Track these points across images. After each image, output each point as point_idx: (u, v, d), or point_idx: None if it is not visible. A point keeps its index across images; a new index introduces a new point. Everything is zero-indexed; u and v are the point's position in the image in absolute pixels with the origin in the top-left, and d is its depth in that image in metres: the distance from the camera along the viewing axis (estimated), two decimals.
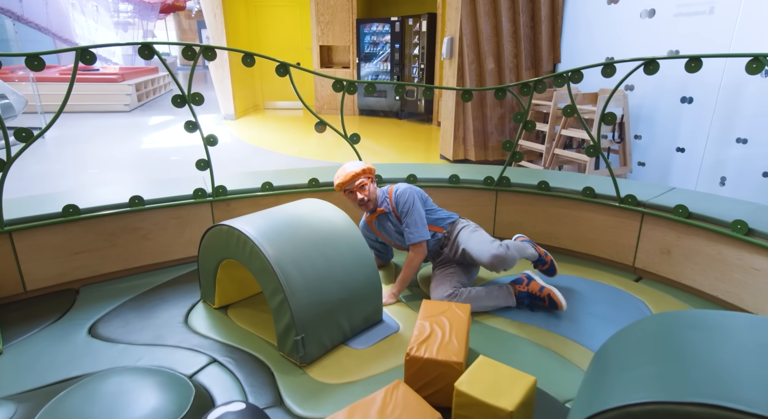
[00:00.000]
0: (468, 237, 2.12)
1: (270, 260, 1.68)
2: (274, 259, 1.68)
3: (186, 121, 2.34)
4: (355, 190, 2.15)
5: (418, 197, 2.17)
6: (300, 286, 1.69)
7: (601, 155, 2.34)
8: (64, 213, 2.15)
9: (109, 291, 2.23)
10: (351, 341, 1.86)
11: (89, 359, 1.73)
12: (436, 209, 2.27)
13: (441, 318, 1.66)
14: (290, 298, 1.65)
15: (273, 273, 1.67)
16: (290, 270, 1.69)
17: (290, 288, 1.66)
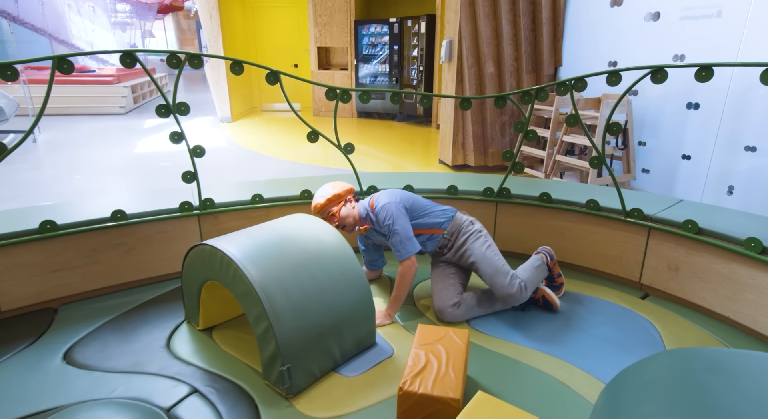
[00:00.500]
0: (482, 256, 2.04)
1: (254, 284, 1.57)
2: (258, 283, 1.58)
3: (171, 132, 2.23)
4: (327, 218, 2.09)
5: (399, 210, 2.03)
6: (286, 312, 1.58)
7: (606, 167, 2.23)
8: (41, 229, 2.04)
9: (90, 311, 2.12)
10: (342, 368, 1.75)
11: (62, 390, 1.62)
12: (429, 210, 2.14)
13: (437, 347, 1.55)
14: (275, 326, 1.54)
15: (257, 298, 1.56)
16: (276, 295, 1.58)
17: (275, 315, 1.55)
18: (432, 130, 7.63)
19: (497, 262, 2.03)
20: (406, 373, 1.43)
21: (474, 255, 2.05)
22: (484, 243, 2.08)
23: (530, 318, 2.08)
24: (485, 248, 2.06)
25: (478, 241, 2.08)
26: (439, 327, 1.66)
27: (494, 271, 2.00)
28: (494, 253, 2.05)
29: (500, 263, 2.03)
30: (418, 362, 1.48)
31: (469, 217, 2.18)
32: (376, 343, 1.90)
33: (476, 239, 2.09)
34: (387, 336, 1.95)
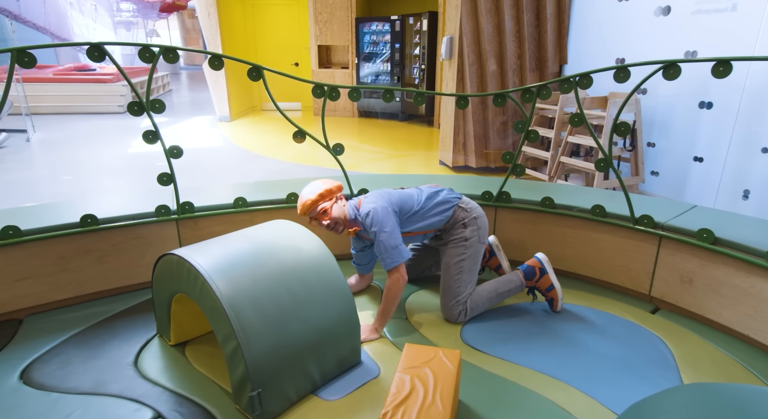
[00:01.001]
0: (446, 266, 2.01)
1: (222, 300, 1.42)
2: (227, 299, 1.42)
3: (144, 131, 2.08)
4: (317, 217, 1.91)
5: (387, 215, 1.85)
6: (258, 331, 1.42)
7: (613, 169, 2.06)
8: (2, 235, 1.90)
9: (56, 323, 1.98)
10: (322, 390, 1.60)
11: (12, 414, 1.48)
12: (424, 210, 1.98)
13: (424, 371, 1.39)
14: (244, 346, 1.39)
15: (225, 315, 1.40)
16: (246, 312, 1.43)
17: (245, 334, 1.40)
18: (434, 130, 7.46)
19: (453, 281, 1.97)
20: (388, 402, 1.28)
21: (442, 260, 2.03)
22: (461, 254, 1.98)
23: (528, 333, 1.92)
24: (456, 260, 1.98)
25: (456, 249, 1.99)
26: (428, 348, 1.50)
27: (446, 287, 1.98)
28: (459, 270, 1.97)
29: (457, 284, 1.96)
30: (402, 389, 1.32)
31: (469, 214, 2.01)
32: (361, 362, 1.74)
33: (456, 246, 1.99)
34: (374, 354, 1.79)
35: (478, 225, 2.00)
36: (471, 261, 1.97)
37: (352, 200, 2.02)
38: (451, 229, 2.01)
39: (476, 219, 2.00)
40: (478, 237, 2.00)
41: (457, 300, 1.93)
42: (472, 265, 1.97)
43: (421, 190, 2.04)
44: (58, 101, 8.75)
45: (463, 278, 1.94)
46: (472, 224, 1.99)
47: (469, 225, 1.99)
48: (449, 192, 2.06)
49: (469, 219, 2.00)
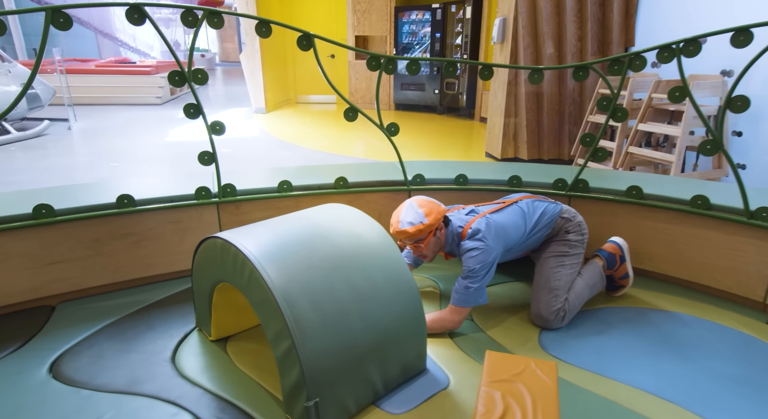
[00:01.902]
0: (547, 262, 1.77)
1: (274, 291, 1.20)
2: (280, 290, 1.21)
3: (186, 105, 1.90)
4: (411, 245, 1.70)
5: (494, 260, 1.64)
6: (315, 329, 1.20)
7: (725, 155, 1.74)
8: (35, 214, 1.75)
9: (90, 311, 1.82)
10: (384, 401, 1.36)
11: (37, 412, 1.31)
12: (528, 236, 1.78)
13: (517, 386, 1.13)
14: (300, 347, 1.17)
15: (277, 309, 1.19)
16: (302, 307, 1.21)
17: (300, 333, 1.18)
18: (475, 124, 7.14)
19: (552, 273, 1.73)
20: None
21: (539, 258, 1.81)
22: (563, 252, 1.77)
23: (621, 342, 1.63)
24: (556, 254, 1.77)
25: (557, 246, 1.79)
26: (516, 357, 1.25)
27: (543, 281, 1.74)
28: (559, 264, 1.76)
29: (556, 276, 1.73)
30: (493, 408, 1.07)
31: (572, 221, 1.82)
32: (426, 370, 1.50)
33: (558, 244, 1.79)
34: (440, 361, 1.55)
35: (582, 231, 1.81)
36: (574, 260, 1.76)
37: (453, 220, 1.75)
38: (552, 238, 1.83)
39: (580, 225, 1.82)
40: (582, 240, 1.81)
41: (556, 295, 1.69)
42: (574, 265, 1.76)
43: (525, 214, 1.79)
44: (99, 92, 8.88)
45: (564, 272, 1.72)
46: (575, 229, 1.80)
47: (572, 230, 1.80)
48: (549, 204, 1.86)
49: (572, 224, 1.81)
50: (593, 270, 1.84)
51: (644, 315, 1.79)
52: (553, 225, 1.80)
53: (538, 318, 1.70)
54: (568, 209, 1.84)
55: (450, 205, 1.93)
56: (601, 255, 1.89)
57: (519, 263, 2.12)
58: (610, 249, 1.89)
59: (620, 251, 1.88)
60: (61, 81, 6.80)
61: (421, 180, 2.26)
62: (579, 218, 1.83)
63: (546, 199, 1.89)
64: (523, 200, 1.86)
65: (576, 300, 1.73)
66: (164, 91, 9.34)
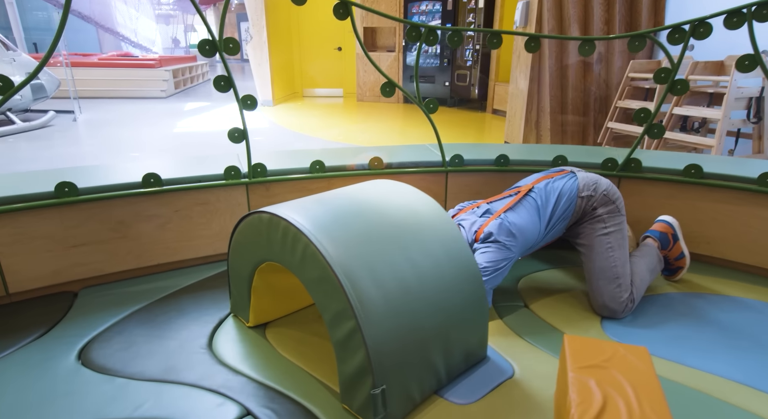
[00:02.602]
0: (596, 245, 1.60)
1: (334, 267, 1.08)
2: (340, 266, 1.09)
3: (216, 78, 1.78)
4: None
5: (509, 256, 1.52)
6: (380, 310, 1.08)
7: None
8: (57, 192, 1.63)
9: (115, 297, 1.71)
10: (447, 390, 1.25)
11: (70, 401, 1.19)
12: (546, 232, 1.63)
13: (612, 373, 1.01)
14: (365, 328, 1.05)
15: (338, 287, 1.07)
16: (365, 284, 1.09)
17: (365, 313, 1.06)
18: (487, 116, 7.02)
19: (605, 259, 1.57)
20: (577, 415, 0.91)
21: (581, 243, 1.64)
22: (602, 229, 1.60)
23: (694, 328, 1.51)
24: (599, 234, 1.60)
25: (593, 225, 1.61)
26: (602, 342, 1.12)
27: (599, 270, 1.58)
28: (608, 246, 1.58)
29: (612, 262, 1.57)
30: (590, 396, 0.95)
31: (595, 194, 1.61)
32: (488, 358, 1.38)
33: (592, 223, 1.62)
34: (500, 349, 1.43)
35: (611, 199, 1.61)
36: (618, 235, 1.58)
37: (467, 224, 1.61)
38: (580, 221, 1.66)
39: (606, 194, 1.61)
40: (617, 207, 1.61)
41: (619, 283, 1.53)
42: (620, 240, 1.58)
43: (538, 207, 1.62)
44: (103, 85, 8.74)
45: (616, 255, 1.56)
46: (602, 201, 1.61)
47: (598, 205, 1.61)
48: (566, 182, 1.65)
49: (596, 199, 1.61)
50: (650, 253, 1.72)
51: (711, 301, 1.67)
52: (573, 211, 1.62)
53: (604, 309, 1.56)
54: (586, 182, 1.63)
55: (463, 203, 1.77)
56: (653, 236, 1.78)
57: (562, 246, 2.01)
58: (660, 229, 1.78)
59: (672, 229, 1.77)
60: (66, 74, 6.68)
61: (459, 160, 2.14)
62: (602, 187, 1.61)
63: (561, 174, 1.71)
64: (536, 185, 1.68)
65: (641, 286, 1.61)
66: (168, 84, 9.21)
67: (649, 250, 1.72)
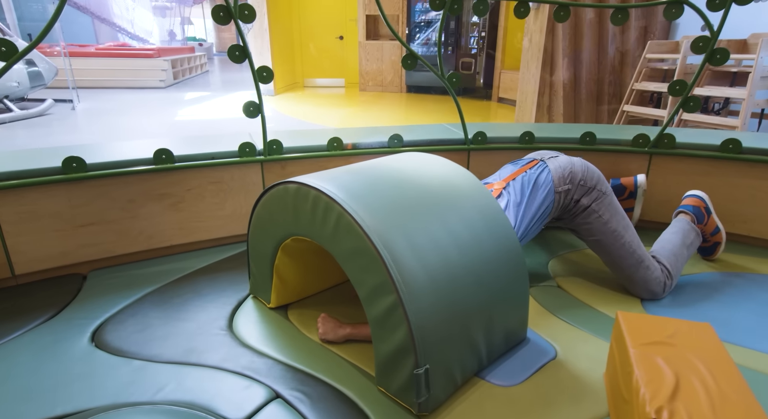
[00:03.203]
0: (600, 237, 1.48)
1: (372, 237, 1.00)
2: (378, 236, 1.00)
3: (231, 47, 1.68)
4: None
5: None
6: (422, 283, 1.00)
7: None
8: (65, 168, 1.54)
9: (127, 279, 1.62)
10: (488, 372, 1.17)
11: (87, 384, 1.11)
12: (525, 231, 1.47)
13: (679, 350, 0.93)
14: (408, 304, 0.97)
15: (377, 259, 0.99)
16: (405, 255, 1.01)
17: (407, 287, 0.98)
18: (492, 104, 6.92)
19: (618, 248, 1.46)
20: (649, 394, 0.83)
21: (582, 238, 1.52)
22: (597, 219, 1.46)
23: (745, 308, 1.43)
24: (597, 226, 1.46)
25: (586, 219, 1.47)
26: (661, 319, 1.05)
27: (619, 258, 1.47)
28: (613, 235, 1.46)
29: (628, 249, 1.46)
30: (659, 374, 0.87)
31: (571, 184, 1.46)
32: (528, 339, 1.30)
33: (584, 218, 1.47)
34: (538, 329, 1.35)
35: (589, 185, 1.46)
36: (618, 217, 1.46)
37: None
38: (564, 217, 1.54)
39: (583, 183, 1.46)
40: (599, 191, 1.47)
41: (647, 265, 1.44)
42: (622, 221, 1.46)
43: (513, 209, 1.45)
44: (101, 75, 8.59)
45: (627, 237, 1.45)
46: (581, 191, 1.46)
47: (578, 195, 1.47)
48: (540, 174, 1.49)
49: (574, 189, 1.47)
50: (685, 228, 1.63)
51: (751, 280, 1.60)
52: (552, 209, 1.47)
53: (645, 293, 1.47)
54: (560, 174, 1.47)
55: None
56: (686, 210, 1.69)
57: None
58: (693, 203, 1.70)
59: (703, 203, 1.69)
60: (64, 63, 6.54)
61: (482, 138, 2.05)
62: (578, 176, 1.46)
63: (531, 165, 1.54)
64: (510, 182, 1.51)
65: (677, 263, 1.53)
66: (167, 74, 9.05)
67: (683, 225, 1.64)
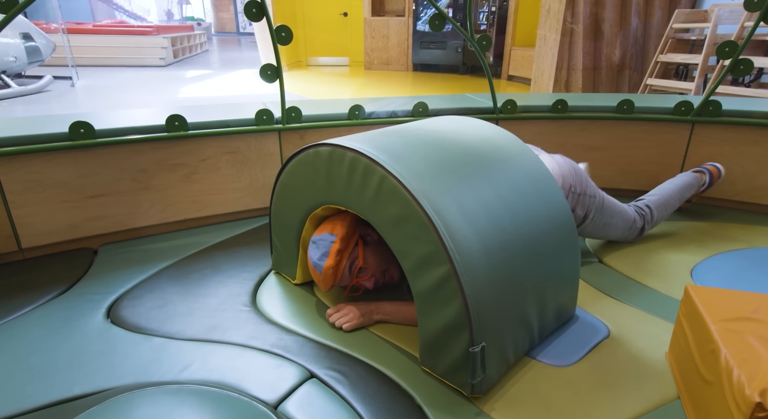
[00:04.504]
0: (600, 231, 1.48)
1: (421, 202, 0.89)
2: (428, 200, 0.90)
3: (247, 3, 1.55)
4: (357, 281, 1.18)
5: None
6: (477, 253, 0.90)
7: None
8: (72, 134, 1.43)
9: (139, 254, 1.52)
10: (539, 351, 1.08)
11: (106, 362, 1.02)
12: None
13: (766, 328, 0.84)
14: (463, 275, 0.87)
15: (428, 226, 0.89)
16: (457, 222, 0.90)
17: (461, 256, 0.87)
18: (502, 82, 6.74)
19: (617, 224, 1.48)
20: (745, 375, 0.74)
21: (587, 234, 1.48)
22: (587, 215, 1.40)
23: None
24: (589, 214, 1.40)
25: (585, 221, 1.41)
26: (736, 292, 0.95)
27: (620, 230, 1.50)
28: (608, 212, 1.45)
29: (623, 220, 1.49)
30: (754, 355, 0.78)
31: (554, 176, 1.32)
32: (576, 316, 1.21)
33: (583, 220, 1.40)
34: (586, 306, 1.26)
35: (578, 191, 1.34)
36: (606, 205, 1.42)
37: None
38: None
39: (574, 190, 1.33)
40: (588, 195, 1.36)
41: (630, 226, 1.51)
42: (606, 203, 1.42)
43: None
44: (100, 53, 8.38)
45: (617, 216, 1.45)
46: (574, 200, 1.34)
47: (572, 204, 1.34)
48: None
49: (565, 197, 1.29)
50: (692, 183, 1.66)
51: None
52: None
53: (620, 240, 1.55)
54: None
55: None
56: (704, 171, 1.70)
57: None
58: (712, 169, 1.70)
59: (718, 176, 1.71)
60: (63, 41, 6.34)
61: (512, 107, 1.94)
62: (568, 181, 1.33)
63: None
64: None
65: (664, 212, 1.58)
66: (167, 52, 8.83)
67: (691, 180, 1.66)
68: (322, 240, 1.15)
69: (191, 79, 6.87)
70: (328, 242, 1.13)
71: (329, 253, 1.13)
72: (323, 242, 1.14)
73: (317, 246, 1.15)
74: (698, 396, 0.86)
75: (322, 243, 1.14)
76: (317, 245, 1.15)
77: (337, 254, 1.12)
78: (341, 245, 1.13)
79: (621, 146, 1.93)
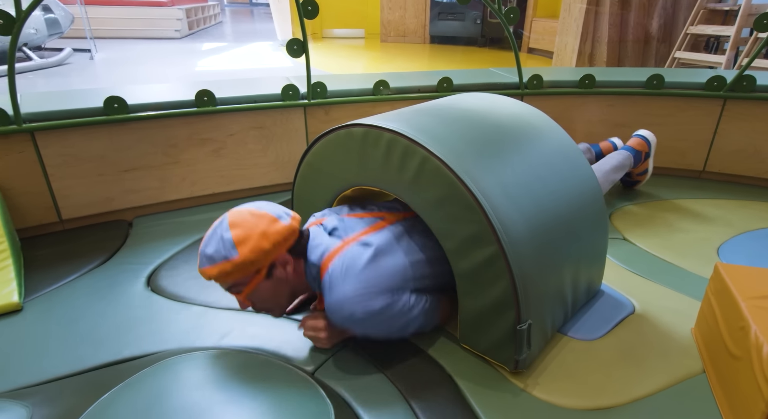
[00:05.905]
0: None
1: (467, 182, 0.90)
2: (473, 180, 0.91)
3: None
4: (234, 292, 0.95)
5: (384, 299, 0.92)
6: (522, 233, 0.91)
7: None
8: (106, 109, 1.46)
9: (173, 226, 1.57)
10: (568, 326, 1.10)
11: (150, 328, 1.08)
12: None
13: None
14: (511, 254, 0.88)
15: (474, 206, 0.90)
16: (502, 202, 0.91)
17: (508, 236, 0.89)
18: (523, 55, 6.57)
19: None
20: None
21: None
22: None
23: None
24: None
25: None
26: (766, 270, 0.96)
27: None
28: None
29: None
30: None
31: None
32: (602, 291, 1.23)
33: None
34: (611, 282, 1.28)
35: None
36: None
37: (315, 245, 0.99)
38: None
39: None
40: None
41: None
42: None
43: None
44: (116, 25, 8.35)
45: None
46: None
47: None
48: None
49: None
50: (624, 163, 1.65)
51: None
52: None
53: None
54: None
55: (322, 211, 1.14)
56: (628, 151, 1.68)
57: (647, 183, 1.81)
58: (636, 146, 1.69)
59: (647, 148, 1.69)
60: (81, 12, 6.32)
61: (538, 82, 1.91)
62: None
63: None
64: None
65: (604, 185, 1.56)
66: (182, 24, 8.76)
67: (623, 160, 1.64)
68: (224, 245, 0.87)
69: (207, 52, 6.83)
70: (222, 255, 0.87)
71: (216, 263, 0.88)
72: (222, 247, 0.87)
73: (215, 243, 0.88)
74: (725, 371, 0.88)
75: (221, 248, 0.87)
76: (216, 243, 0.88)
77: (222, 274, 0.88)
78: (233, 269, 0.87)
79: (648, 122, 1.90)
